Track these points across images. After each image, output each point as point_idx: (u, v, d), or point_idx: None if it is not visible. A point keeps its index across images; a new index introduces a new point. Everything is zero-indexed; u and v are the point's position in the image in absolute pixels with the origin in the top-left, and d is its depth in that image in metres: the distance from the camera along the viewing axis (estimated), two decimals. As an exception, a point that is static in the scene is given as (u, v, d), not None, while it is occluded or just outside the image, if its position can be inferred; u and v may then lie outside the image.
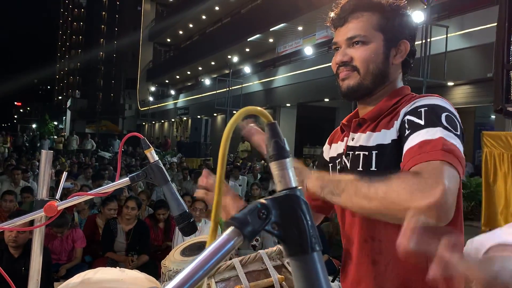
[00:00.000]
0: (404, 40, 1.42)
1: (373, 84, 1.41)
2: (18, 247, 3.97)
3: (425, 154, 1.15)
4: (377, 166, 1.34)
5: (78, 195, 1.41)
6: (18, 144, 23.66)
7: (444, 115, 1.24)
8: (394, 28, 1.41)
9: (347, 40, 1.42)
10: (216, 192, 0.60)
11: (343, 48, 1.43)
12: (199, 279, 0.51)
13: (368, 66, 1.40)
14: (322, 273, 0.58)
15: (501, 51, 3.23)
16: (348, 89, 1.43)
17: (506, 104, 3.25)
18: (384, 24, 1.40)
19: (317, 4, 17.83)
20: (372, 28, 1.39)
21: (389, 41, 1.41)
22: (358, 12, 1.41)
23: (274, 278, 1.12)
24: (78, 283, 1.36)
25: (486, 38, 9.82)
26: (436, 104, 1.29)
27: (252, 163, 14.58)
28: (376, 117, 1.40)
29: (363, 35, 1.39)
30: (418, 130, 1.22)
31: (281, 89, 21.23)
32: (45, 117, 54.24)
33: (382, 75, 1.41)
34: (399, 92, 1.44)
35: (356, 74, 1.41)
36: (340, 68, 1.44)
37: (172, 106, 36.27)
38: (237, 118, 0.60)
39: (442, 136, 1.17)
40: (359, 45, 1.40)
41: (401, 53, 1.43)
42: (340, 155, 1.49)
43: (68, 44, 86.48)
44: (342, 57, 1.43)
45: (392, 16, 1.41)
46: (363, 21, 1.40)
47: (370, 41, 1.39)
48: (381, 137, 1.35)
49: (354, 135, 1.44)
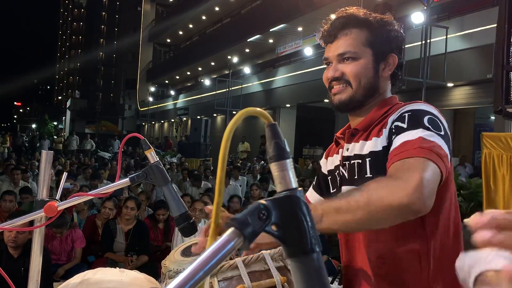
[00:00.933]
0: (392, 54, 1.49)
1: (364, 97, 1.48)
2: (18, 247, 3.97)
3: (403, 152, 1.22)
4: (371, 172, 1.39)
5: (78, 195, 1.41)
6: (17, 144, 23.66)
7: (427, 117, 1.31)
8: (382, 43, 1.47)
9: (338, 56, 1.48)
10: (217, 193, 0.61)
11: (334, 64, 1.49)
12: (199, 280, 0.51)
13: (360, 80, 1.46)
14: (322, 274, 0.58)
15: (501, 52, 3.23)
16: (340, 103, 1.49)
17: (506, 105, 3.26)
18: (372, 39, 1.46)
19: (317, 5, 17.84)
20: (361, 44, 1.46)
21: (378, 56, 1.47)
22: (348, 29, 1.47)
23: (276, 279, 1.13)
24: (77, 284, 1.36)
25: (486, 39, 9.83)
26: (419, 109, 1.36)
27: (251, 164, 14.59)
28: (367, 126, 1.47)
29: (353, 51, 1.45)
30: (402, 133, 1.29)
31: (281, 89, 21.23)
32: (44, 117, 54.19)
33: (372, 89, 1.48)
34: (388, 102, 1.50)
35: (348, 88, 1.47)
36: (333, 82, 1.50)
37: (172, 106, 36.26)
38: (238, 119, 0.60)
39: (421, 135, 1.24)
40: (350, 61, 1.46)
41: (390, 66, 1.50)
42: (337, 166, 1.55)
43: (68, 44, 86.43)
44: (333, 72, 1.48)
45: (380, 32, 1.47)
46: (353, 38, 1.46)
47: (360, 57, 1.46)
48: (373, 145, 1.41)
49: (348, 146, 1.51)
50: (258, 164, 14.38)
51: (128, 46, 46.71)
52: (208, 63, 31.49)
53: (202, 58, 30.22)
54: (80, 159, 16.70)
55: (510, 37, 3.20)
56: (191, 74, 36.99)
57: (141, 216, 6.17)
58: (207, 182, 9.63)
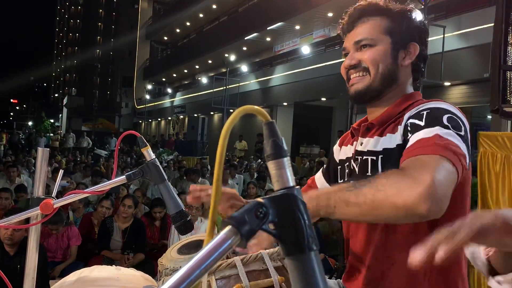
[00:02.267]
0: (413, 43, 1.43)
1: (381, 86, 1.42)
2: (14, 245, 3.97)
3: (417, 149, 1.15)
4: (383, 170, 1.34)
5: (75, 193, 1.41)
6: (14, 141, 23.58)
7: (446, 116, 1.25)
8: (402, 30, 1.42)
9: (355, 44, 1.44)
10: (214, 191, 0.60)
11: (351, 53, 1.45)
12: (196, 278, 0.51)
13: (378, 66, 1.41)
14: (319, 273, 0.58)
15: (497, 52, 3.23)
16: (356, 93, 1.45)
17: (503, 104, 3.26)
18: (391, 27, 1.42)
19: (314, 3, 17.83)
20: (379, 31, 1.42)
21: (397, 44, 1.42)
22: (365, 17, 1.44)
23: (274, 278, 1.13)
24: (73, 281, 1.36)
25: (483, 38, 9.84)
26: (439, 107, 1.30)
27: (248, 162, 14.58)
28: (384, 122, 1.42)
29: (370, 38, 1.41)
30: (418, 131, 1.23)
31: (278, 88, 21.22)
32: (41, 114, 54.11)
33: (391, 76, 1.42)
34: (410, 97, 1.45)
35: (367, 77, 1.42)
36: (350, 71, 1.46)
37: (168, 104, 36.20)
38: (235, 117, 0.60)
39: (438, 133, 1.18)
40: (367, 48, 1.42)
41: (410, 55, 1.44)
42: (349, 159, 1.51)
43: (65, 42, 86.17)
44: (350, 61, 1.45)
45: (400, 19, 1.43)
46: (370, 25, 1.43)
47: (377, 44, 1.41)
48: (387, 142, 1.36)
49: (362, 140, 1.46)
50: (255, 162, 14.37)
51: (125, 43, 46.62)
52: (205, 61, 31.46)
53: (199, 56, 30.19)
54: (77, 157, 16.66)
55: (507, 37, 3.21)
56: (188, 72, 36.94)
57: (139, 214, 6.16)
58: (204, 179, 9.62)
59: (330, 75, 15.84)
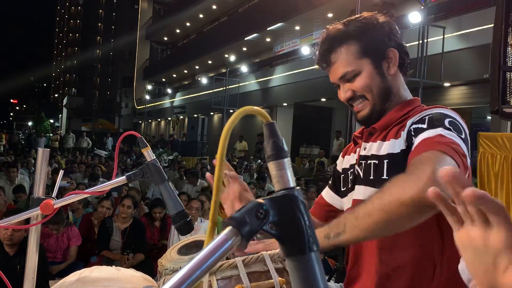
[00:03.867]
0: (390, 49, 1.45)
1: (382, 104, 1.46)
2: (14, 245, 3.96)
3: (420, 148, 1.20)
4: (388, 175, 1.35)
5: (75, 193, 1.41)
6: (14, 141, 23.57)
7: (448, 120, 1.29)
8: (374, 44, 1.44)
9: (340, 79, 1.46)
10: (214, 192, 0.60)
11: (342, 86, 1.48)
12: (197, 278, 0.51)
13: (371, 90, 1.44)
14: (319, 273, 0.58)
15: (497, 52, 3.23)
16: (363, 119, 1.49)
17: (503, 105, 3.26)
18: (363, 47, 1.43)
19: (315, 4, 17.84)
20: (355, 57, 1.43)
21: (377, 59, 1.44)
22: (335, 49, 1.44)
23: (275, 280, 1.13)
24: (74, 282, 1.36)
25: (482, 39, 9.83)
26: (441, 112, 1.34)
27: (248, 162, 14.58)
28: (386, 126, 1.44)
29: (351, 70, 1.43)
30: (421, 133, 1.27)
31: (278, 88, 21.22)
32: (41, 114, 54.07)
33: (386, 92, 1.46)
34: (410, 103, 1.48)
35: (366, 102, 1.46)
36: (350, 103, 1.49)
37: (168, 104, 36.20)
38: (236, 118, 0.60)
39: (440, 133, 1.22)
40: (353, 78, 1.44)
41: (392, 61, 1.46)
42: (353, 165, 1.53)
43: (64, 42, 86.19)
44: (345, 94, 1.48)
45: (366, 36, 1.43)
46: (344, 56, 1.44)
47: (361, 70, 1.43)
48: (390, 146, 1.38)
49: (366, 145, 1.48)
50: (255, 163, 14.37)
51: (125, 44, 46.63)
52: (205, 62, 31.45)
53: (199, 57, 30.17)
54: (77, 157, 16.66)
55: (507, 37, 3.21)
56: (188, 73, 36.94)
57: (139, 214, 6.16)
58: (203, 181, 9.61)
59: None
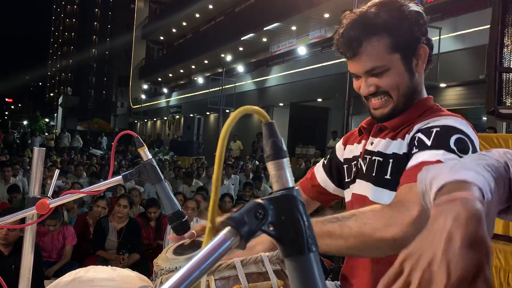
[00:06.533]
0: (421, 45, 1.36)
1: (406, 104, 1.38)
2: (8, 245, 3.95)
3: (414, 172, 1.09)
4: (391, 175, 1.32)
5: (71, 193, 1.40)
6: (9, 141, 23.47)
7: (455, 137, 1.20)
8: (406, 39, 1.34)
9: (366, 72, 1.36)
10: (213, 191, 0.60)
11: (364, 79, 1.38)
12: (196, 279, 0.51)
13: (398, 89, 1.36)
14: (318, 274, 0.58)
15: (493, 53, 3.24)
16: (382, 116, 1.40)
17: (498, 106, 3.26)
18: (395, 42, 1.32)
19: (311, 4, 17.86)
20: (386, 52, 1.33)
21: (407, 55, 1.35)
22: (364, 39, 1.32)
23: (273, 282, 1.12)
24: (69, 282, 1.35)
25: (479, 40, 9.87)
26: (450, 125, 1.25)
27: (244, 162, 14.58)
28: (397, 126, 1.38)
29: (381, 65, 1.33)
30: (423, 150, 1.20)
31: (274, 88, 21.24)
32: (36, 114, 53.90)
33: (412, 92, 1.39)
34: (423, 103, 1.41)
35: (390, 100, 1.37)
36: (370, 97, 1.40)
37: (164, 104, 36.17)
38: (235, 117, 0.60)
39: (439, 159, 1.14)
40: (382, 74, 1.34)
41: (422, 57, 1.37)
42: (356, 157, 1.49)
43: (60, 41, 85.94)
44: (367, 88, 1.37)
45: (399, 28, 1.33)
46: (375, 50, 1.32)
47: (390, 67, 1.34)
48: (397, 147, 1.34)
49: (373, 140, 1.43)
50: (251, 163, 14.36)
51: (121, 43, 46.57)
52: (201, 61, 31.44)
53: (196, 56, 30.16)
54: (71, 156, 16.63)
55: (503, 38, 3.21)
56: (184, 72, 36.91)
57: (134, 213, 6.15)
58: (198, 181, 9.59)
59: (326, 76, 15.87)
